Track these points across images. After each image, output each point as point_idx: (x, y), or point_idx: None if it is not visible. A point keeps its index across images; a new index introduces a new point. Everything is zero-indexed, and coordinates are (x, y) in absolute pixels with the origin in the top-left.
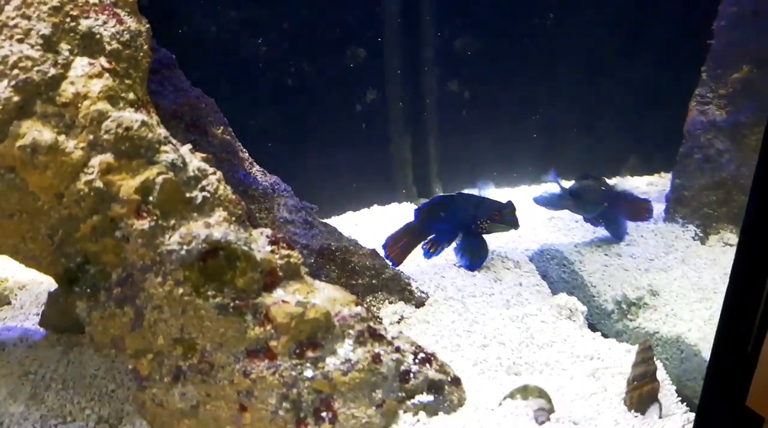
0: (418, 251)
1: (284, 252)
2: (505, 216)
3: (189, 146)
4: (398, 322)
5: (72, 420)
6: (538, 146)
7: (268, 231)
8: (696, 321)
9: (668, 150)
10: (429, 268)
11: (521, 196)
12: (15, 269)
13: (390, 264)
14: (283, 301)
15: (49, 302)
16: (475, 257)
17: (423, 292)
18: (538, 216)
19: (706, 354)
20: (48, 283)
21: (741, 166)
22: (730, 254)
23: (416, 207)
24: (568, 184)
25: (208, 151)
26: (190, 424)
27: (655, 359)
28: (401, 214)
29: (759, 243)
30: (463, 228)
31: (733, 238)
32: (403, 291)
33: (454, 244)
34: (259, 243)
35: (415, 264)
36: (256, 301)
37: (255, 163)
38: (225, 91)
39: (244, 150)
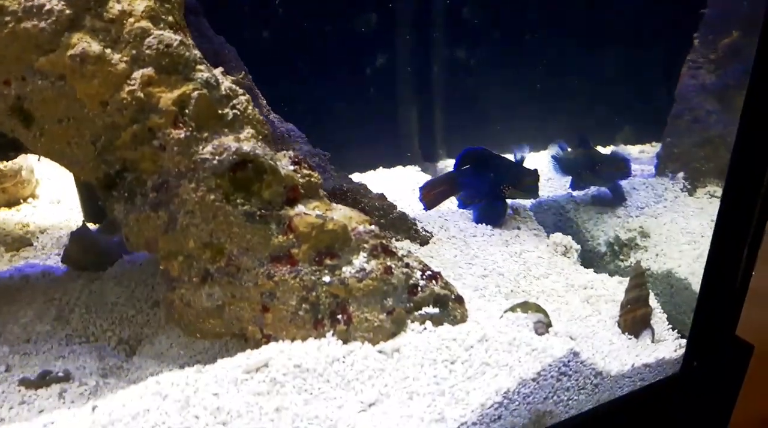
0: (412, 198)
1: (305, 171)
2: (527, 185)
3: (221, 69)
4: None
5: (95, 339)
6: (538, 114)
7: (290, 152)
8: (685, 259)
9: (660, 122)
10: (433, 212)
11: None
12: (36, 216)
13: (423, 207)
14: (305, 213)
15: (71, 240)
16: (492, 218)
17: (428, 232)
18: None
19: (696, 288)
20: (67, 228)
21: (728, 125)
22: (716, 204)
23: (459, 154)
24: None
25: None
26: (215, 323)
27: (647, 286)
28: (406, 176)
29: (744, 183)
30: (492, 188)
31: (719, 191)
32: (409, 230)
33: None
34: (283, 161)
35: (418, 209)
36: (280, 212)
37: (272, 111)
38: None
39: (263, 97)
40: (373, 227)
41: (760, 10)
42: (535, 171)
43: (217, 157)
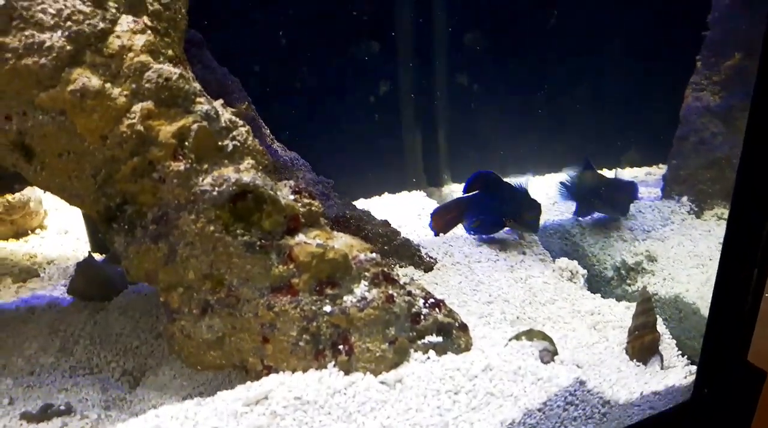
0: (417, 223)
1: (306, 200)
2: (526, 220)
3: (221, 101)
4: None
5: (98, 371)
6: (542, 138)
7: (291, 182)
8: (693, 283)
9: (667, 144)
10: (438, 238)
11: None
12: (44, 246)
13: (434, 234)
14: (305, 243)
15: (77, 270)
16: (486, 230)
17: (432, 258)
18: (542, 199)
19: (705, 312)
20: (74, 259)
21: (734, 146)
22: (724, 226)
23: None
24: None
25: None
26: (215, 355)
27: (654, 311)
28: (410, 201)
29: (751, 203)
30: (495, 217)
31: (727, 213)
32: (413, 256)
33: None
34: (284, 191)
35: (423, 235)
36: (280, 242)
37: (275, 140)
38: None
39: (266, 127)
40: (374, 255)
41: (762, 31)
42: (538, 206)
43: (216, 189)
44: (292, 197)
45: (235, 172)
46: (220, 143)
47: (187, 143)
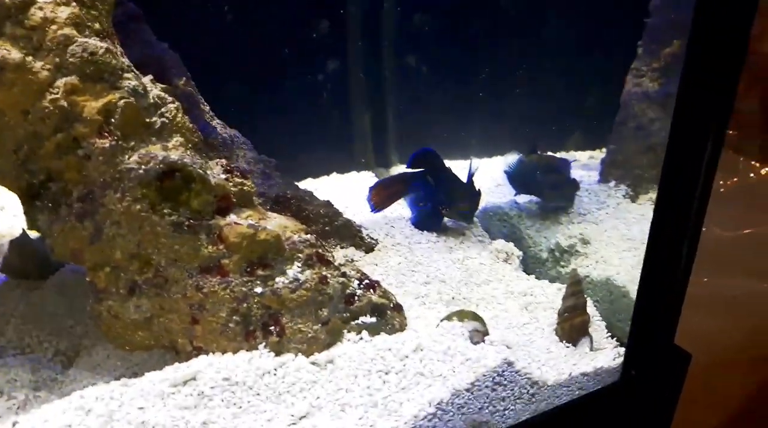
0: (363, 204)
1: (238, 180)
2: (460, 210)
3: (150, 77)
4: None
5: (30, 351)
6: (491, 120)
7: (222, 160)
8: (624, 266)
9: (609, 128)
10: (380, 219)
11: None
12: None
13: (371, 208)
14: (236, 223)
15: (10, 248)
16: (427, 225)
17: (373, 239)
18: (485, 182)
19: (635, 295)
20: (10, 236)
21: None
22: None
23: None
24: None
25: None
26: (143, 335)
27: (585, 295)
28: (360, 182)
29: (678, 185)
30: (433, 201)
31: None
32: (354, 237)
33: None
34: (215, 170)
35: (367, 216)
36: (210, 222)
37: (215, 117)
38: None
39: (205, 103)
40: (308, 236)
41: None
42: (475, 196)
43: (143, 166)
44: (223, 176)
45: (162, 149)
46: (147, 120)
47: (113, 120)
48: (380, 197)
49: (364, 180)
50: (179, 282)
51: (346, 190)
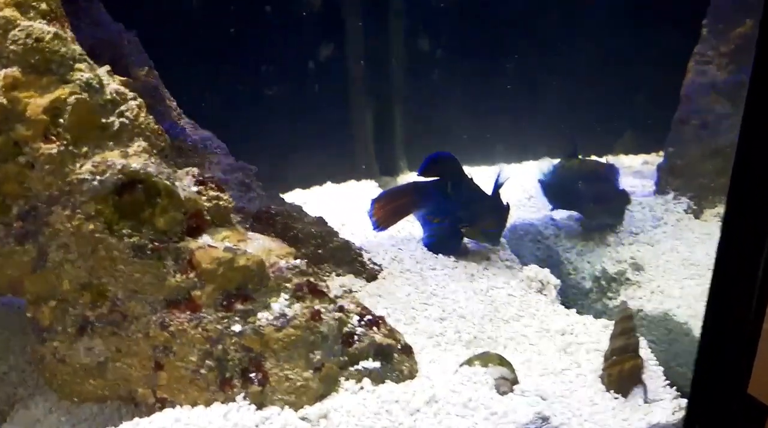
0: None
1: (213, 193)
2: (483, 228)
3: (107, 68)
4: None
5: None
6: (520, 118)
7: (194, 169)
8: (686, 298)
9: (667, 127)
10: (385, 240)
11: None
12: None
13: (373, 226)
14: (210, 246)
15: None
16: (442, 248)
17: (376, 264)
18: (515, 193)
19: (699, 334)
20: None
21: None
22: None
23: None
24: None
25: None
26: (96, 384)
27: (638, 334)
28: (359, 193)
29: (752, 198)
30: (451, 218)
31: None
32: (352, 262)
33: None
34: (185, 182)
35: (366, 236)
36: (179, 245)
37: (184, 115)
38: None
39: (172, 98)
40: (298, 261)
41: None
42: (503, 212)
43: (98, 177)
44: (194, 189)
45: (121, 156)
46: (103, 120)
47: (61, 120)
48: (385, 212)
49: (365, 191)
50: (140, 319)
51: (343, 204)
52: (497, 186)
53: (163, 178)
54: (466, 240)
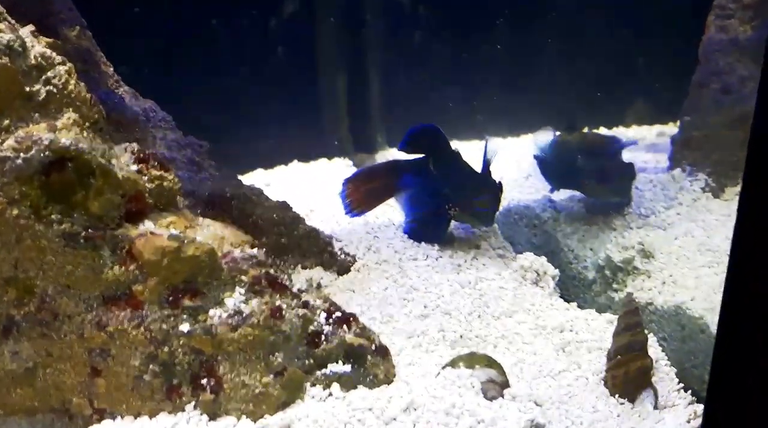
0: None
1: (156, 172)
2: (476, 208)
3: (31, 27)
4: None
5: None
6: (513, 85)
7: (134, 145)
8: (702, 288)
9: (684, 92)
10: (359, 227)
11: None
12: None
13: (345, 210)
14: (152, 234)
15: None
16: (427, 234)
17: (348, 255)
18: (509, 172)
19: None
20: None
21: None
22: None
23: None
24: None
25: None
26: (23, 394)
27: (646, 330)
28: (330, 173)
29: None
30: (435, 199)
31: None
32: (321, 253)
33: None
34: (123, 160)
35: (337, 222)
36: (117, 232)
37: (122, 82)
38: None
39: (108, 63)
40: (255, 251)
41: None
42: (495, 189)
43: (22, 154)
44: (134, 167)
45: (49, 130)
46: (27, 89)
47: None
48: (360, 194)
49: (337, 170)
50: (73, 318)
51: (310, 186)
52: (486, 160)
53: (98, 155)
54: (452, 225)
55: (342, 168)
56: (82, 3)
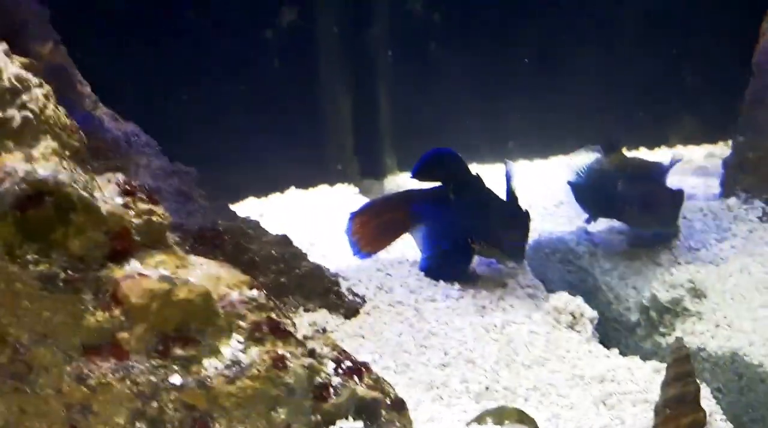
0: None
1: (143, 206)
2: (505, 242)
3: (4, 46)
4: None
5: None
6: (539, 102)
7: (119, 176)
8: (762, 332)
9: (736, 109)
10: (369, 263)
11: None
12: None
13: (353, 251)
14: (140, 275)
15: None
16: (443, 269)
17: (357, 296)
18: (538, 199)
19: None
20: None
21: None
22: None
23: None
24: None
25: None
26: None
27: (698, 380)
28: (333, 201)
29: None
30: (456, 234)
31: None
32: (326, 294)
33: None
34: (106, 192)
35: (343, 258)
36: (100, 274)
37: (101, 103)
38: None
39: (85, 82)
40: (254, 292)
41: None
42: (524, 220)
43: None
44: (119, 201)
45: (25, 160)
46: (1, 115)
47: None
48: (369, 231)
49: (340, 198)
50: (51, 371)
51: (310, 216)
52: (510, 187)
53: (79, 188)
54: (475, 261)
55: (346, 195)
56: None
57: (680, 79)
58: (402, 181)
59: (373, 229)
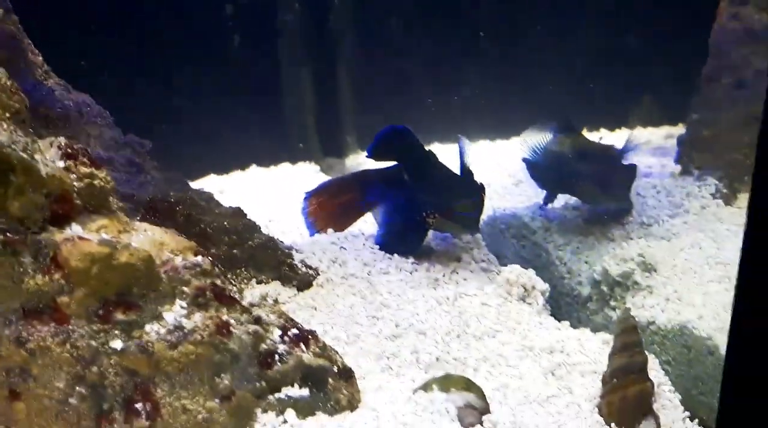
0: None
1: (85, 169)
2: (459, 213)
3: None
4: None
5: None
6: (497, 82)
7: (61, 139)
8: (711, 306)
9: (692, 89)
10: (324, 237)
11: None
12: None
13: (309, 230)
14: (80, 238)
15: None
16: (401, 245)
17: (310, 268)
18: (500, 179)
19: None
20: None
21: None
22: None
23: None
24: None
25: None
26: None
27: (647, 352)
28: (293, 179)
29: None
30: (411, 207)
31: None
32: (279, 266)
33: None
34: (48, 155)
35: (300, 233)
36: (40, 237)
37: (52, 73)
38: None
39: (36, 51)
40: (199, 259)
41: None
42: (478, 190)
43: None
44: (61, 164)
45: None
46: None
47: None
48: (325, 211)
49: (301, 176)
50: None
51: (271, 193)
52: (463, 161)
53: (18, 149)
54: (430, 236)
55: (307, 174)
56: None
57: (641, 60)
58: (363, 160)
59: (328, 210)
